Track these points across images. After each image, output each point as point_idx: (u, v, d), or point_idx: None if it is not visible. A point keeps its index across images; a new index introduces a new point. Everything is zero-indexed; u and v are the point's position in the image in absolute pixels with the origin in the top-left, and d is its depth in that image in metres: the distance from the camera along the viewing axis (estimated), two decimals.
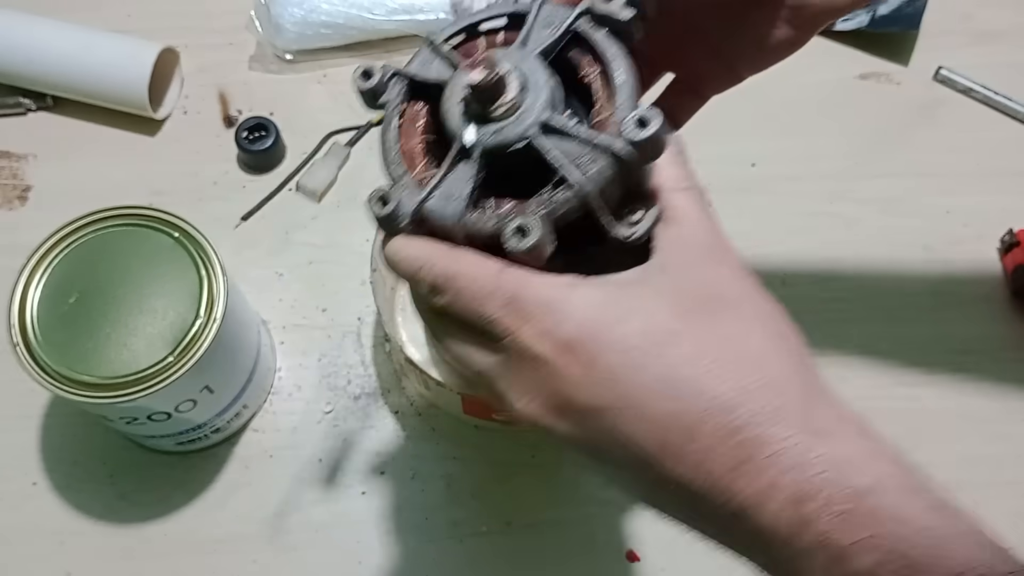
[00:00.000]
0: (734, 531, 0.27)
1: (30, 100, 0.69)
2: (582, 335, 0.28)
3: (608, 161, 0.30)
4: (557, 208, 0.30)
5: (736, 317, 0.28)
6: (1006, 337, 0.62)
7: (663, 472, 0.27)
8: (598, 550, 0.55)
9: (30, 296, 0.48)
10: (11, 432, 0.58)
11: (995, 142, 0.69)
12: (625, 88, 0.31)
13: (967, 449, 0.58)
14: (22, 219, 0.65)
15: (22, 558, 0.55)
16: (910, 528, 0.24)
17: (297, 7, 0.69)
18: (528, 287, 0.29)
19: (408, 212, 0.32)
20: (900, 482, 0.25)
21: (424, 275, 0.31)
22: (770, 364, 0.27)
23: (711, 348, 0.27)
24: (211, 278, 0.49)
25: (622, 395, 0.27)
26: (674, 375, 0.27)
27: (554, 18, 0.32)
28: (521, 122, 0.31)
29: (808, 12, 0.36)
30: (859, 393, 0.61)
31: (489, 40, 0.34)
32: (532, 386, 0.29)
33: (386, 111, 0.34)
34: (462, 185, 0.31)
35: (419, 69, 0.34)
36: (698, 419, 0.26)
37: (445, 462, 0.57)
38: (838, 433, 0.26)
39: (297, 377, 0.60)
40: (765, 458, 0.25)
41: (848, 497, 0.24)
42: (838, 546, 0.24)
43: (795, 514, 0.25)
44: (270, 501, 0.56)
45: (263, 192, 0.66)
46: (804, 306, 0.62)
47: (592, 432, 0.28)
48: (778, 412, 0.26)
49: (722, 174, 0.67)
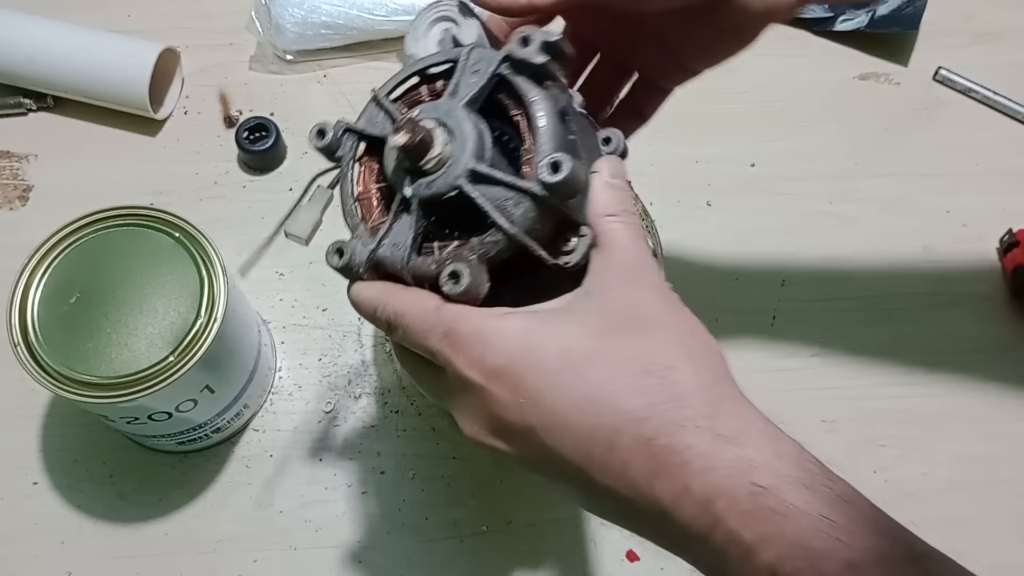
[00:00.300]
0: (664, 532, 0.29)
1: (31, 100, 0.69)
2: (508, 361, 0.30)
3: (530, 203, 0.32)
4: (489, 250, 0.32)
5: (651, 336, 0.30)
6: (1005, 337, 0.62)
7: (592, 482, 0.29)
8: (598, 550, 0.55)
9: (31, 296, 0.48)
10: (11, 432, 0.58)
11: (995, 142, 0.69)
12: (543, 132, 0.33)
13: (966, 448, 0.58)
14: (23, 219, 0.65)
15: (22, 558, 0.55)
16: (808, 520, 0.26)
17: (297, 7, 0.69)
18: (461, 321, 0.31)
19: (362, 261, 0.34)
20: (801, 479, 0.27)
21: (380, 315, 0.34)
22: (680, 378, 0.29)
23: (625, 366, 0.29)
24: (212, 278, 0.50)
25: (547, 413, 0.29)
26: (591, 393, 0.29)
27: (481, 64, 0.34)
28: (450, 173, 0.33)
29: (751, 15, 0.38)
30: (859, 393, 0.62)
31: (430, 88, 0.36)
32: (472, 411, 0.31)
33: (342, 165, 0.36)
34: (405, 233, 0.34)
35: (366, 125, 0.36)
36: (615, 432, 0.28)
37: (445, 462, 0.57)
38: (743, 437, 0.28)
39: (297, 377, 0.60)
40: (677, 465, 0.27)
41: (751, 496, 0.26)
42: (745, 542, 0.26)
43: (707, 515, 0.27)
44: (270, 501, 0.56)
45: (263, 192, 0.66)
46: (804, 306, 0.63)
47: (526, 450, 0.30)
48: (687, 422, 0.28)
49: (722, 174, 0.68)
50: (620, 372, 0.29)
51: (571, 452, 0.29)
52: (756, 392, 0.63)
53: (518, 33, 0.33)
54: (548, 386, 0.29)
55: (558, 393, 0.29)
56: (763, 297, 0.63)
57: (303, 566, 0.55)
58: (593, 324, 0.30)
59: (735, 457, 0.27)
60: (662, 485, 0.28)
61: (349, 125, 0.37)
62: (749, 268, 0.64)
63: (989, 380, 0.60)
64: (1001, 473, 0.58)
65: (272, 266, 0.64)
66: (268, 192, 0.66)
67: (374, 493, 0.57)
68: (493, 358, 0.30)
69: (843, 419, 0.59)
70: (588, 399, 0.29)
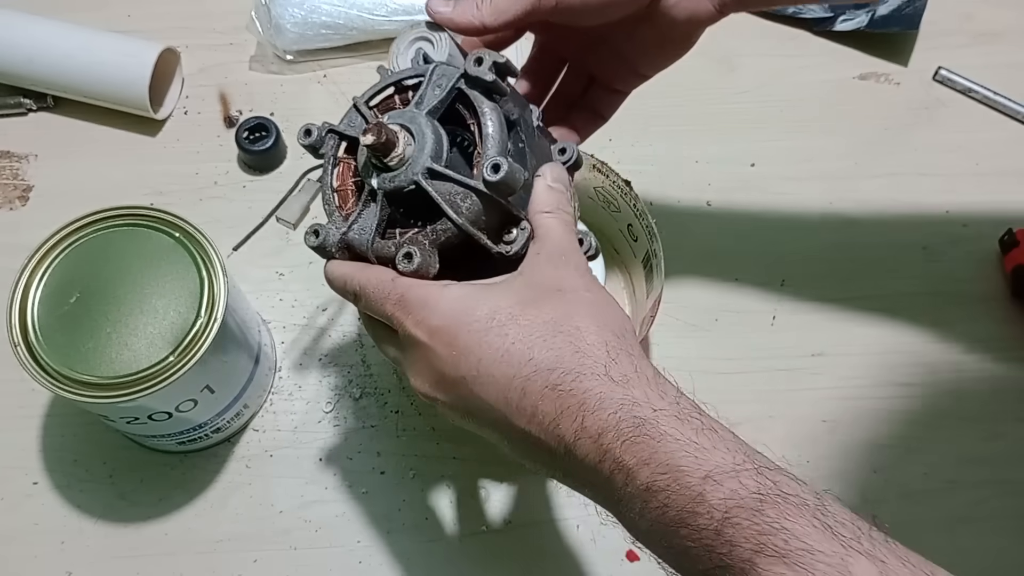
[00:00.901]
0: (570, 471, 0.34)
1: (31, 100, 0.69)
2: (446, 322, 0.36)
3: (476, 198, 0.38)
4: (440, 237, 0.38)
5: (566, 303, 0.36)
6: (1006, 337, 0.62)
7: (511, 426, 0.34)
8: (598, 550, 0.55)
9: (31, 296, 0.48)
10: (11, 431, 0.58)
11: (995, 142, 0.69)
12: (490, 139, 0.38)
13: (966, 448, 0.58)
14: (23, 219, 0.65)
15: (22, 558, 0.55)
16: (678, 445, 0.31)
17: (297, 7, 0.69)
18: (411, 289, 0.37)
19: (334, 242, 0.40)
20: (676, 413, 0.33)
21: (348, 287, 0.39)
22: (584, 336, 0.34)
23: (540, 326, 0.35)
24: (212, 278, 0.50)
25: (474, 365, 0.35)
26: (510, 348, 0.34)
27: (443, 80, 0.40)
28: (410, 170, 0.38)
29: (679, 23, 0.44)
30: (859, 393, 0.62)
31: (402, 98, 0.42)
32: (419, 366, 0.37)
33: (324, 161, 0.42)
34: (371, 220, 0.39)
35: (346, 128, 0.42)
36: (527, 380, 0.34)
37: (445, 462, 0.57)
38: (631, 382, 0.33)
39: (297, 377, 0.60)
40: (575, 406, 0.33)
41: (632, 428, 0.32)
42: (627, 467, 0.32)
43: (598, 448, 0.32)
44: (270, 501, 0.56)
45: (263, 192, 0.66)
46: (804, 306, 0.63)
47: (459, 400, 0.36)
48: (586, 370, 0.33)
49: (722, 174, 0.68)
50: (535, 331, 0.35)
51: (493, 399, 0.34)
52: (756, 392, 0.64)
53: (473, 55, 0.39)
54: (476, 343, 0.35)
55: (484, 348, 0.35)
56: (763, 297, 0.63)
57: (303, 566, 0.55)
58: (519, 294, 0.36)
59: (622, 397, 0.33)
60: (565, 424, 0.33)
61: (332, 127, 0.42)
62: (749, 268, 0.64)
63: (989, 380, 0.60)
64: (1001, 473, 0.58)
65: (272, 266, 0.64)
66: (268, 192, 0.66)
67: (374, 493, 0.57)
68: (435, 319, 0.36)
69: (843, 419, 0.59)
70: (507, 352, 0.34)
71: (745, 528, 0.30)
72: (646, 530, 0.32)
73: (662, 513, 0.31)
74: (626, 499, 0.32)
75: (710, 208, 0.66)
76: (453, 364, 0.35)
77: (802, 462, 0.58)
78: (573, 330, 0.35)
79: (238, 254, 0.64)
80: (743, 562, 0.29)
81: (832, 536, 0.29)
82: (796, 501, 0.30)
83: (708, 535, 0.30)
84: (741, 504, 0.30)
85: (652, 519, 0.32)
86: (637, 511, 0.32)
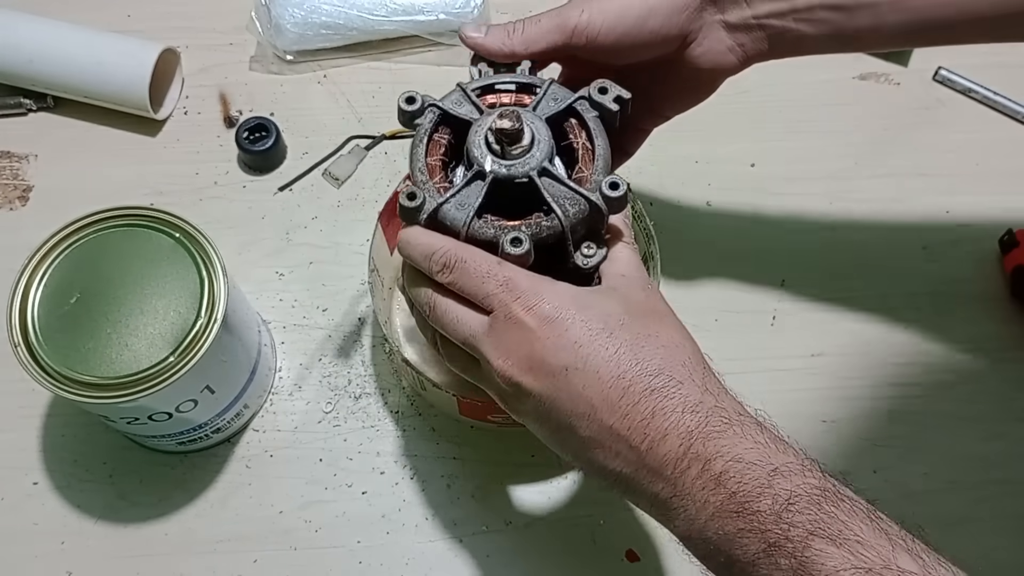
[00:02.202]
0: (643, 466, 0.37)
1: (31, 100, 0.69)
2: (560, 313, 0.38)
3: (585, 207, 0.40)
4: (541, 232, 0.40)
5: (663, 323, 0.39)
6: (1005, 337, 0.62)
7: (598, 420, 0.37)
8: (598, 550, 0.55)
9: (31, 296, 0.48)
10: (12, 431, 0.58)
11: (995, 142, 0.69)
12: (602, 159, 0.41)
13: (966, 448, 0.58)
14: (23, 219, 0.65)
15: (22, 558, 0.55)
16: (755, 443, 0.35)
17: (297, 8, 0.69)
18: (520, 275, 0.39)
19: (430, 209, 0.40)
20: (755, 421, 0.37)
21: (438, 256, 0.40)
22: (683, 351, 0.38)
23: (645, 337, 0.38)
24: (212, 278, 0.50)
25: (581, 358, 0.37)
26: (621, 350, 0.37)
27: (558, 96, 0.43)
28: (526, 163, 0.40)
29: (703, 73, 0.48)
30: (859, 393, 0.62)
31: (504, 98, 0.44)
32: (512, 348, 0.38)
33: (418, 130, 0.42)
34: (473, 198, 0.40)
35: (452, 106, 0.42)
36: (631, 381, 0.37)
37: (445, 462, 0.58)
38: (722, 394, 0.38)
39: (297, 377, 0.60)
40: (671, 409, 0.36)
41: (716, 428, 0.36)
42: (705, 457, 0.35)
43: (685, 442, 0.36)
44: (270, 501, 0.56)
45: (263, 192, 0.66)
46: (804, 306, 0.63)
47: (553, 387, 0.37)
48: (686, 379, 0.37)
49: (722, 174, 0.68)
50: (641, 341, 0.38)
51: (591, 392, 0.37)
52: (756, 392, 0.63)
53: (597, 83, 0.42)
54: (588, 339, 0.37)
55: (595, 345, 0.37)
56: (763, 297, 0.63)
57: (303, 566, 0.55)
58: (625, 305, 0.39)
59: (714, 403, 0.37)
60: (657, 422, 0.36)
61: (435, 101, 0.42)
62: (749, 268, 0.64)
63: (989, 380, 0.60)
64: (1001, 473, 0.58)
65: (272, 266, 0.64)
66: (268, 192, 0.66)
67: (374, 493, 0.57)
68: (548, 308, 0.38)
69: (843, 419, 0.59)
70: (616, 354, 0.37)
71: (804, 514, 0.33)
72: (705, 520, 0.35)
73: (728, 499, 0.34)
74: (695, 491, 0.35)
75: (710, 208, 0.66)
76: (558, 353, 0.37)
77: None
78: (674, 346, 0.38)
79: (237, 255, 0.64)
80: (798, 541, 0.33)
81: (882, 532, 0.33)
82: (852, 501, 0.34)
83: (768, 519, 0.33)
84: (803, 495, 0.33)
85: (716, 508, 0.35)
86: (702, 501, 0.35)
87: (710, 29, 0.46)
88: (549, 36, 0.44)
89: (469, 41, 0.45)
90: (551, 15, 0.44)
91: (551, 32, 0.44)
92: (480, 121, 0.41)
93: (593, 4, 0.44)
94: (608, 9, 0.44)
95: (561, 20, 0.44)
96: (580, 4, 0.44)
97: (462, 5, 0.71)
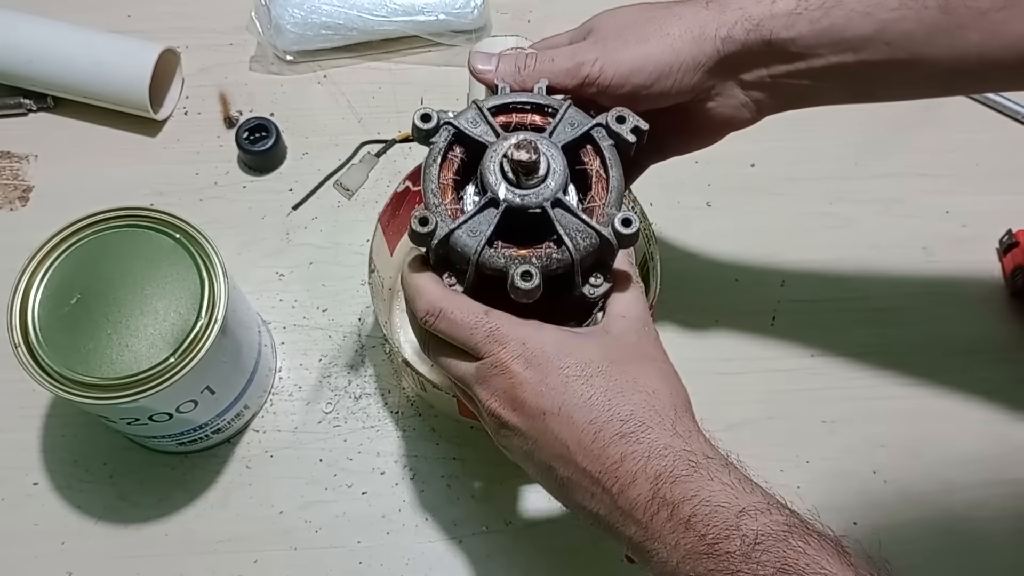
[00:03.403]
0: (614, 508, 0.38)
1: (31, 101, 0.69)
2: (540, 360, 0.39)
3: (596, 240, 0.40)
4: (552, 264, 0.39)
5: (646, 368, 0.40)
6: (1005, 337, 0.62)
7: (572, 462, 0.38)
8: (598, 550, 0.55)
9: (31, 297, 0.48)
10: (12, 432, 0.58)
11: (995, 142, 0.69)
12: (615, 191, 0.40)
13: (966, 448, 0.58)
14: (23, 220, 0.65)
15: (22, 558, 0.55)
16: (722, 486, 0.36)
17: (297, 8, 0.69)
18: (505, 325, 0.40)
19: (441, 235, 0.40)
20: (723, 463, 0.38)
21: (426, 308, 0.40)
22: (659, 397, 0.39)
23: (622, 383, 0.39)
24: (212, 279, 0.50)
25: (558, 403, 0.38)
26: (594, 396, 0.38)
27: (575, 121, 0.42)
28: (540, 194, 0.39)
29: (716, 123, 0.48)
30: (859, 393, 0.62)
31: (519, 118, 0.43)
32: (498, 389, 0.40)
33: (432, 149, 0.41)
34: (485, 226, 0.40)
35: (468, 126, 0.41)
36: (602, 425, 0.38)
37: (445, 462, 0.58)
38: (693, 437, 0.38)
39: (298, 377, 0.60)
40: (641, 453, 0.37)
41: (683, 472, 0.37)
42: (673, 502, 0.36)
43: (653, 486, 0.37)
44: (270, 501, 0.56)
45: (263, 192, 0.66)
46: (804, 306, 0.63)
47: (533, 428, 0.39)
48: (655, 424, 0.38)
49: (722, 174, 0.68)
50: (617, 387, 0.39)
51: (565, 436, 0.38)
52: (756, 392, 0.63)
53: (615, 112, 0.41)
54: (563, 386, 0.38)
55: (570, 392, 0.38)
56: (763, 297, 0.63)
57: (303, 566, 0.55)
58: (607, 351, 0.40)
59: (683, 447, 0.37)
60: (627, 465, 0.37)
61: (450, 120, 0.41)
62: (749, 268, 0.64)
63: (989, 380, 0.60)
64: (1001, 473, 0.58)
65: (272, 266, 0.64)
66: (268, 192, 0.66)
67: (374, 493, 0.57)
68: (531, 355, 0.39)
69: (843, 419, 0.59)
70: (590, 400, 0.38)
71: (771, 552, 0.34)
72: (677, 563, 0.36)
73: (698, 541, 0.35)
74: (665, 534, 0.36)
75: (710, 208, 0.66)
76: (538, 397, 0.38)
77: (802, 462, 0.58)
78: (650, 391, 0.39)
79: (237, 255, 0.64)
80: None
81: (848, 566, 0.34)
82: (820, 537, 0.35)
83: (737, 559, 0.34)
84: (770, 533, 0.34)
85: (686, 550, 0.35)
86: (672, 544, 0.36)
87: (724, 86, 0.46)
88: (560, 79, 0.43)
89: (479, 76, 0.44)
90: (565, 55, 0.44)
91: (563, 75, 0.43)
92: (495, 146, 0.40)
93: (608, 54, 0.43)
94: (623, 61, 0.43)
95: (574, 65, 0.43)
96: (595, 50, 0.44)
97: (462, 5, 0.71)
